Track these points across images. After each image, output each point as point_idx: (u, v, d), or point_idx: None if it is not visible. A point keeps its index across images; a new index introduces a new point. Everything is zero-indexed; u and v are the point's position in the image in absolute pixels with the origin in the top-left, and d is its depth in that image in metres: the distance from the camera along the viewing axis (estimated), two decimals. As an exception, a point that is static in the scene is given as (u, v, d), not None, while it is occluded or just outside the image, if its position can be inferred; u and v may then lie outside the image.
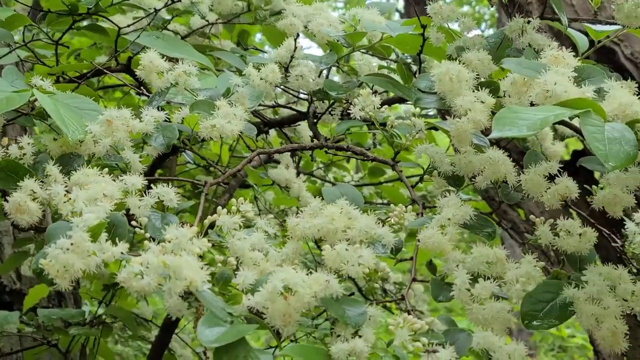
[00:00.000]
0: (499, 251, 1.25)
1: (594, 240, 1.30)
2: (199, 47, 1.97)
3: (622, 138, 1.11)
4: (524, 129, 1.09)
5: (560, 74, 1.24)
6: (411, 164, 1.58)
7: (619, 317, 1.19)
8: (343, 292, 1.17)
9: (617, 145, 1.10)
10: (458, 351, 1.14)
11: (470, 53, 1.44)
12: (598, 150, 1.08)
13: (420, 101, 1.41)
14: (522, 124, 1.10)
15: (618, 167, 1.08)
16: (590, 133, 1.10)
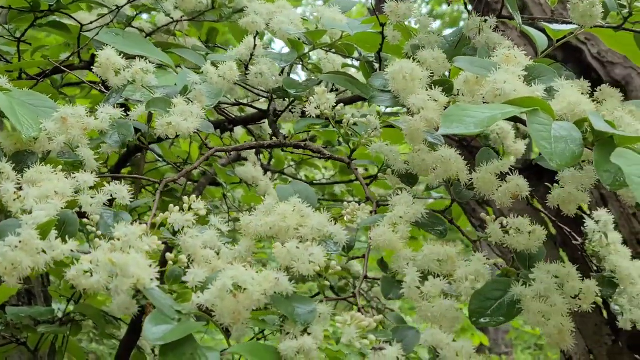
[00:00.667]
0: (449, 249, 1.26)
1: (543, 239, 1.30)
2: (163, 45, 1.97)
3: (568, 137, 1.12)
4: (472, 126, 1.09)
5: (510, 72, 1.24)
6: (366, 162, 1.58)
7: (565, 315, 1.20)
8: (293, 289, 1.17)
9: (563, 143, 1.10)
10: (406, 348, 1.15)
11: (425, 51, 1.44)
12: (544, 148, 1.09)
13: (374, 99, 1.41)
14: (469, 121, 1.10)
15: (563, 166, 1.08)
16: (536, 131, 1.10)
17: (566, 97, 1.21)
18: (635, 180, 0.98)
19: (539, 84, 1.26)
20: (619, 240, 1.83)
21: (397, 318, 1.24)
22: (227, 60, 1.65)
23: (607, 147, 1.09)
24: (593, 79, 2.84)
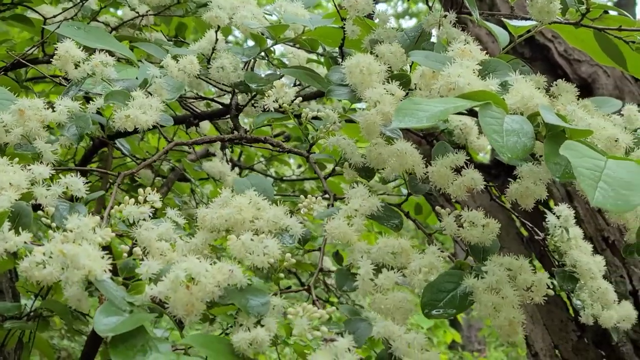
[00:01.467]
0: (403, 241, 1.26)
1: (497, 232, 1.31)
2: (126, 39, 1.96)
3: (520, 130, 1.12)
4: (424, 119, 1.10)
5: (465, 66, 1.25)
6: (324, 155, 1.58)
7: (516, 307, 1.21)
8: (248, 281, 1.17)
9: (514, 137, 1.11)
10: (357, 340, 1.15)
11: (383, 46, 1.45)
12: (495, 141, 1.09)
13: (331, 93, 1.42)
14: (422, 115, 1.11)
15: (513, 159, 1.09)
16: (488, 124, 1.11)
17: (520, 91, 1.22)
18: (583, 172, 0.99)
19: (494, 78, 1.26)
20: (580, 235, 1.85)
21: (351, 310, 1.24)
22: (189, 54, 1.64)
23: (557, 140, 1.09)
24: (560, 76, 2.85)
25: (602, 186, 0.98)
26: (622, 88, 2.79)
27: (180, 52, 1.68)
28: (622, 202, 0.97)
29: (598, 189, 0.97)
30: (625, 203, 0.97)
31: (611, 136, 1.21)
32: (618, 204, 0.96)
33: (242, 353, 1.12)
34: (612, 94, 2.76)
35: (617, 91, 2.77)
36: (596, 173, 1.00)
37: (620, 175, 1.00)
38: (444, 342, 6.85)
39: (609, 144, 1.21)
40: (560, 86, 1.50)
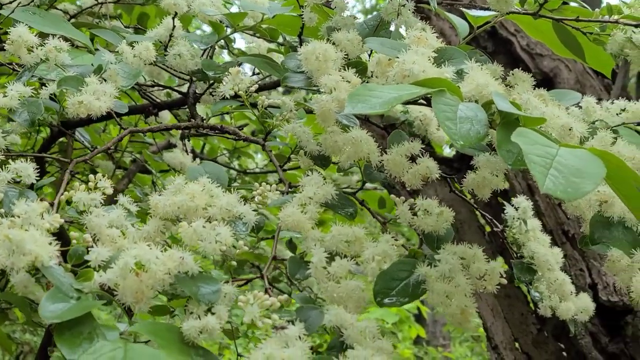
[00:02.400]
0: (357, 230, 1.25)
1: (451, 220, 1.31)
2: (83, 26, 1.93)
3: (474, 117, 1.12)
4: (377, 106, 1.09)
5: (420, 54, 1.24)
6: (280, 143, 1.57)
7: (469, 295, 1.20)
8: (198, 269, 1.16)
9: (468, 124, 1.10)
10: (309, 328, 1.14)
11: (339, 33, 1.44)
12: (448, 129, 1.09)
13: (287, 80, 1.40)
14: (374, 101, 1.10)
15: (466, 146, 1.08)
16: (441, 112, 1.10)
17: (475, 79, 1.21)
18: (534, 159, 0.99)
19: (449, 66, 1.26)
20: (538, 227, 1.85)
21: (304, 298, 1.23)
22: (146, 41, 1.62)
23: (510, 127, 1.09)
24: (522, 70, 2.87)
25: (553, 173, 0.98)
26: (584, 82, 2.80)
27: (137, 39, 1.66)
28: (573, 189, 0.96)
29: (549, 176, 0.97)
30: (575, 190, 0.96)
31: (565, 125, 1.21)
32: (568, 191, 0.96)
33: (192, 341, 1.10)
34: (574, 88, 2.77)
35: (579, 85, 2.78)
36: (547, 160, 1.00)
37: (571, 163, 1.00)
38: (409, 337, 6.87)
39: (563, 133, 1.21)
40: (517, 75, 1.50)
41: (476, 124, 1.11)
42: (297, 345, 1.07)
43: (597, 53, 1.68)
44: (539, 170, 0.97)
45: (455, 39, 2.96)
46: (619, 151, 1.31)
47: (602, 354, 2.58)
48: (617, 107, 1.76)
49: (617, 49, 1.56)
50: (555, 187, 0.96)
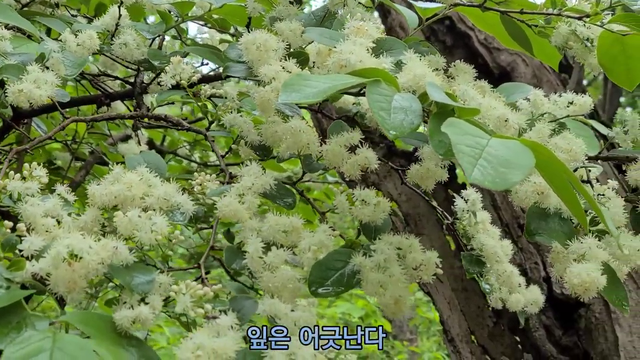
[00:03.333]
0: (295, 220, 1.25)
1: (389, 211, 1.31)
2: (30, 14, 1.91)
3: (408, 108, 1.12)
4: (310, 95, 1.09)
5: (358, 44, 1.24)
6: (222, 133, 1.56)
7: (403, 285, 1.20)
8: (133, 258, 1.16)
9: (402, 114, 1.10)
10: (242, 318, 1.14)
11: (282, 23, 1.43)
12: (381, 119, 1.08)
13: (228, 69, 1.40)
14: (309, 90, 1.09)
15: (399, 136, 1.08)
16: (375, 102, 1.10)
17: (412, 70, 1.21)
18: (462, 149, 0.99)
19: (388, 56, 1.26)
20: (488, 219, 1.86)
21: (238, 288, 1.23)
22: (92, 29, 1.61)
23: (442, 118, 1.09)
24: (480, 64, 2.88)
25: (482, 164, 0.98)
26: (540, 77, 2.82)
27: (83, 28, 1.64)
28: (500, 179, 0.97)
29: (477, 166, 0.97)
30: (503, 181, 0.97)
31: (501, 116, 1.22)
32: (496, 181, 0.96)
33: (125, 331, 1.10)
34: (531, 83, 2.78)
35: (536, 80, 2.80)
36: (477, 150, 1.00)
37: (501, 154, 1.00)
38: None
39: (499, 124, 1.22)
40: (458, 67, 1.50)
41: (410, 114, 1.11)
42: (229, 335, 1.07)
43: (544, 46, 1.69)
44: (467, 160, 0.98)
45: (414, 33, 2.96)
46: (556, 143, 1.32)
47: (555, 346, 2.60)
48: (565, 100, 1.77)
49: (561, 41, 1.56)
50: (484, 177, 0.96)
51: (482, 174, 0.96)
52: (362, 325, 5.64)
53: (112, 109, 2.23)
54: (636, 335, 2.49)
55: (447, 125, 1.03)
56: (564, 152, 1.31)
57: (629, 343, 2.48)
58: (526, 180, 1.30)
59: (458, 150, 0.99)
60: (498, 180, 0.96)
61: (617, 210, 1.29)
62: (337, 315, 6.02)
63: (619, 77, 1.56)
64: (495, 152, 1.01)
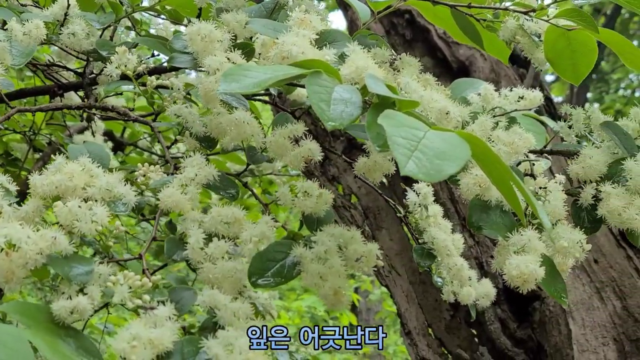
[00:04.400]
0: (237, 211, 1.25)
1: (331, 202, 1.31)
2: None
3: (349, 99, 1.12)
4: (250, 86, 1.08)
5: (301, 36, 1.24)
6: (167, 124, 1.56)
7: (343, 277, 1.21)
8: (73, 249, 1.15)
9: (342, 106, 1.11)
10: (181, 308, 1.14)
11: (228, 14, 1.43)
12: (320, 110, 1.08)
13: (173, 60, 1.39)
14: (248, 81, 1.09)
15: (338, 127, 1.08)
16: (315, 93, 1.10)
17: (355, 62, 1.21)
18: (397, 140, 0.99)
19: (331, 48, 1.26)
20: (440, 212, 1.87)
21: (178, 279, 1.23)
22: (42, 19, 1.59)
23: (380, 109, 1.09)
24: (439, 58, 2.90)
25: (418, 156, 0.98)
26: (499, 71, 2.83)
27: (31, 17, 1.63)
28: (435, 171, 0.97)
29: (412, 158, 0.97)
30: (437, 172, 0.97)
31: (442, 109, 1.22)
32: (431, 173, 0.97)
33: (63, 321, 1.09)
34: (489, 77, 2.80)
35: (494, 74, 2.82)
36: (413, 142, 1.00)
37: (437, 146, 1.01)
38: (341, 325, 6.90)
39: (440, 116, 1.22)
40: (404, 60, 1.51)
41: (350, 105, 1.11)
42: (166, 326, 1.07)
43: (494, 40, 1.70)
44: (402, 152, 0.98)
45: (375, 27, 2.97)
46: (499, 136, 1.33)
47: (510, 339, 2.63)
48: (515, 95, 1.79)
49: (509, 35, 1.58)
50: (418, 169, 0.96)
51: (417, 165, 0.96)
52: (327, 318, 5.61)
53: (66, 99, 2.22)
54: (589, 328, 2.52)
55: (383, 117, 1.04)
56: (506, 145, 1.32)
57: (581, 336, 2.51)
58: (468, 172, 1.31)
59: (393, 142, 0.99)
60: (432, 172, 0.97)
61: (557, 203, 1.30)
62: (303, 308, 6.04)
63: (565, 71, 1.57)
64: (432, 144, 1.01)
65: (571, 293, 2.57)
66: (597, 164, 1.33)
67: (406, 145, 0.99)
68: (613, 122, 1.41)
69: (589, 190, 1.32)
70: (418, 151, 0.99)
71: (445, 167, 0.98)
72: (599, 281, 2.59)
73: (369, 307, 8.36)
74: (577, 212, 1.34)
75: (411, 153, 0.98)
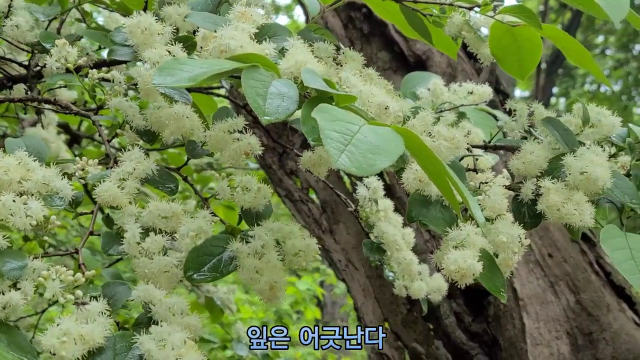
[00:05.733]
0: (175, 205, 1.24)
1: (269, 197, 1.31)
2: None
3: (286, 94, 1.11)
4: (185, 79, 1.08)
5: (240, 29, 1.23)
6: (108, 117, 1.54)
7: (279, 271, 1.20)
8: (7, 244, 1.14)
9: (278, 100, 1.10)
10: (115, 304, 1.13)
11: (170, 7, 1.42)
12: (256, 104, 1.08)
13: (113, 53, 1.38)
14: (183, 75, 1.08)
15: (273, 121, 1.08)
16: (251, 87, 1.09)
17: (294, 56, 1.21)
18: (330, 134, 0.99)
19: (271, 42, 1.25)
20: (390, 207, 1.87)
21: (114, 274, 1.22)
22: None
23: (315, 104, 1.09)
24: (396, 53, 2.90)
25: (351, 150, 0.98)
26: (455, 66, 2.84)
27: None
28: (367, 165, 0.97)
29: (345, 152, 0.97)
30: (369, 166, 0.97)
31: (381, 103, 1.22)
32: (363, 167, 0.97)
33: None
34: (446, 72, 2.81)
35: (451, 69, 2.82)
36: (346, 137, 1.00)
37: (371, 140, 1.01)
38: (305, 319, 6.91)
39: (379, 111, 1.22)
40: (347, 54, 1.50)
41: (287, 100, 1.11)
42: (98, 321, 1.06)
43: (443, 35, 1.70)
44: (335, 146, 0.98)
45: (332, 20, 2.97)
46: (439, 131, 1.33)
47: (465, 333, 2.64)
48: (465, 90, 1.79)
49: (455, 31, 1.58)
50: (351, 163, 0.96)
51: (349, 159, 0.96)
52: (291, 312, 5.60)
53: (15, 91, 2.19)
54: (543, 322, 2.54)
55: (317, 111, 1.03)
56: (446, 141, 1.32)
57: (535, 330, 2.53)
58: (409, 167, 1.31)
59: (326, 136, 0.99)
60: (365, 166, 0.97)
61: (496, 198, 1.30)
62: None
63: (511, 67, 1.57)
64: (365, 138, 1.01)
65: (525, 287, 2.59)
66: (537, 159, 1.34)
67: (339, 139, 0.99)
68: (554, 118, 1.42)
69: (529, 185, 1.32)
70: (351, 145, 0.99)
71: (378, 161, 0.98)
72: (553, 275, 2.61)
73: (334, 301, 8.37)
74: (518, 208, 1.34)
75: (344, 147, 0.98)
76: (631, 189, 1.35)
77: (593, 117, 1.46)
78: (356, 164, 0.97)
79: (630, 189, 1.35)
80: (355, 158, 0.97)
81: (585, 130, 1.46)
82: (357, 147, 0.99)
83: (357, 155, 0.98)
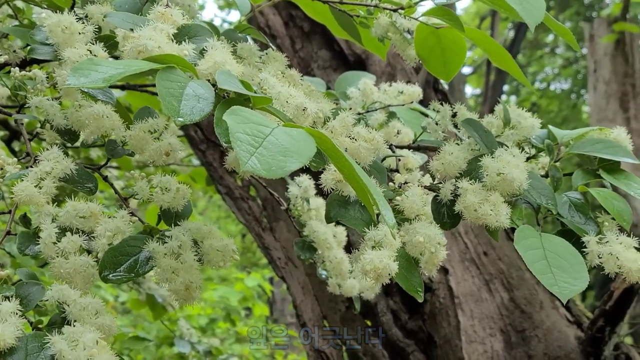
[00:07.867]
0: (93, 205, 1.24)
1: (188, 197, 1.31)
2: None
3: (202, 95, 1.12)
4: (99, 80, 1.08)
5: (159, 30, 1.23)
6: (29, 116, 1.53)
7: (195, 272, 1.21)
8: None
9: (194, 101, 1.10)
10: (28, 304, 1.13)
11: (93, 6, 1.41)
12: (170, 105, 1.08)
13: (34, 52, 1.37)
14: (98, 75, 1.08)
15: (187, 122, 1.08)
16: (165, 88, 1.10)
17: (213, 57, 1.21)
18: (240, 137, 1.00)
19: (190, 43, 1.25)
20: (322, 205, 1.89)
21: (29, 274, 1.21)
22: None
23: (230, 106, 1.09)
24: (336, 51, 2.91)
25: (261, 152, 0.99)
26: (395, 65, 2.86)
27: None
28: (277, 167, 0.98)
29: (256, 154, 0.98)
30: (279, 169, 0.98)
31: (299, 105, 1.23)
32: (272, 169, 0.98)
33: None
34: (385, 71, 2.83)
35: (390, 68, 2.84)
36: (257, 139, 1.01)
37: (282, 142, 1.02)
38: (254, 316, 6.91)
39: (297, 113, 1.23)
40: (270, 55, 1.51)
41: (202, 101, 1.11)
42: (9, 322, 1.06)
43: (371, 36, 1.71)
44: (245, 149, 0.99)
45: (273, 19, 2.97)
46: (359, 132, 1.34)
47: (401, 330, 2.66)
48: (395, 90, 1.81)
49: (381, 32, 1.59)
50: (261, 166, 0.97)
51: (259, 161, 0.97)
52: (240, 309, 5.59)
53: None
54: (477, 319, 2.57)
55: (229, 113, 1.04)
56: (366, 142, 1.33)
57: (470, 327, 2.56)
58: (328, 168, 1.32)
59: (235, 139, 0.99)
60: (274, 168, 0.98)
61: (414, 199, 1.32)
62: (215, 298, 6.02)
63: (436, 68, 1.60)
64: (277, 140, 1.02)
65: (460, 285, 2.62)
66: (456, 160, 1.36)
67: (249, 142, 1.00)
68: (474, 119, 1.44)
69: (447, 186, 1.34)
70: (262, 147, 1.00)
71: (289, 163, 0.99)
72: (487, 273, 2.65)
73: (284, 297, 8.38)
74: (437, 208, 1.36)
75: (255, 149, 0.99)
76: (547, 190, 1.38)
77: (514, 119, 1.49)
78: (265, 166, 0.98)
79: (546, 190, 1.38)
80: (265, 160, 0.98)
81: (505, 132, 1.48)
82: (267, 149, 1.00)
83: (267, 158, 0.99)
